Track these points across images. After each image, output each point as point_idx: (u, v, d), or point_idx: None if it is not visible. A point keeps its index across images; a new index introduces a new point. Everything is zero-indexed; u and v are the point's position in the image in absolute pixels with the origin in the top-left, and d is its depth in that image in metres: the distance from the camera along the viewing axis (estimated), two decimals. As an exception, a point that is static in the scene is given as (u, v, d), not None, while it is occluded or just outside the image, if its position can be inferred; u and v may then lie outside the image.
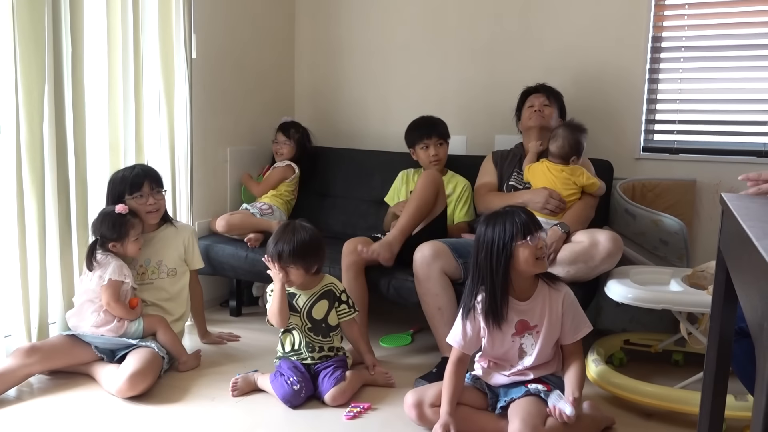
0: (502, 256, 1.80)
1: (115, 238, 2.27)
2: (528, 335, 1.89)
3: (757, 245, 0.81)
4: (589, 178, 2.51)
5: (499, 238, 1.80)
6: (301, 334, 2.21)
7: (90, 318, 2.26)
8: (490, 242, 1.82)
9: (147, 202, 2.36)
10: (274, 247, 2.14)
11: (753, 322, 0.85)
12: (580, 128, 2.54)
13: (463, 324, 1.90)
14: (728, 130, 2.82)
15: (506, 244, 1.79)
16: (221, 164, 3.15)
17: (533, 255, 1.79)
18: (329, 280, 2.27)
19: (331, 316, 2.25)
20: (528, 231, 1.79)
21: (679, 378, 2.17)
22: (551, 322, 1.89)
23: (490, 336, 1.89)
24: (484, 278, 1.84)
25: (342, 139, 3.46)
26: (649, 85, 2.90)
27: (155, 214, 2.41)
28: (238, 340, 2.70)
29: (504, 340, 1.89)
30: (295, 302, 2.20)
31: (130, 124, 2.58)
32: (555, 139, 2.53)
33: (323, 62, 3.54)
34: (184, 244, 2.51)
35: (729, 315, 1.43)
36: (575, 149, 2.51)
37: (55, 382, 2.22)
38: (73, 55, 2.31)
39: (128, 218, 2.29)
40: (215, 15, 3.02)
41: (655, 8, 2.84)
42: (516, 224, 1.79)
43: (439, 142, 2.85)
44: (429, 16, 3.26)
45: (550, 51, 3.02)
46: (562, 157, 2.52)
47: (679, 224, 2.52)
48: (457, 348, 1.91)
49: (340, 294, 2.27)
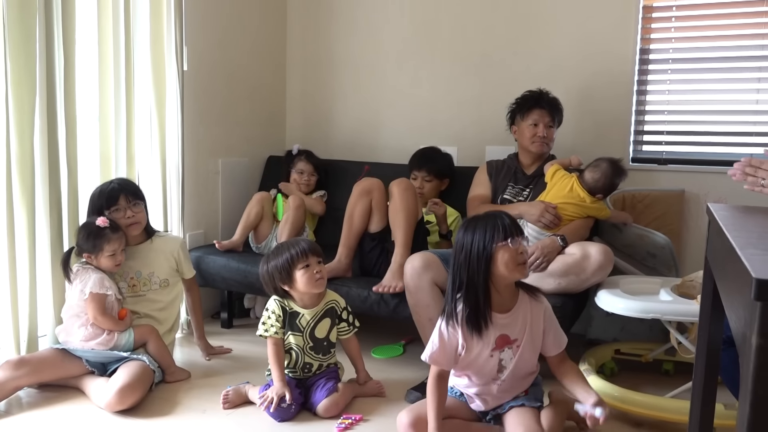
0: (483, 257, 1.72)
1: (88, 249, 2.25)
2: (507, 349, 1.83)
3: (740, 255, 0.83)
4: (602, 210, 2.53)
5: (479, 240, 1.73)
6: (301, 355, 2.19)
7: (78, 333, 2.24)
8: (469, 244, 1.74)
9: (125, 215, 2.35)
10: (290, 251, 2.12)
11: (737, 331, 0.86)
12: (623, 173, 2.50)
13: (441, 338, 1.80)
14: (715, 141, 2.86)
15: (486, 246, 1.72)
16: (213, 176, 3.15)
17: (514, 259, 1.72)
18: (331, 297, 2.25)
19: (333, 333, 2.24)
20: (509, 233, 1.72)
21: (670, 387, 2.18)
22: (532, 336, 1.84)
23: (467, 351, 1.81)
24: (462, 284, 1.76)
25: (334, 151, 3.47)
26: (637, 96, 2.93)
27: (135, 226, 2.39)
28: (230, 352, 2.69)
29: (481, 354, 1.81)
30: (298, 322, 2.17)
31: (122, 136, 2.58)
32: (595, 170, 2.49)
33: (315, 74, 3.56)
34: (174, 256, 2.50)
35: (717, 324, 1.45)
36: (607, 190, 2.52)
37: (44, 395, 2.21)
38: (65, 67, 2.31)
39: (106, 232, 2.25)
40: (207, 27, 3.03)
41: (643, 20, 2.88)
42: (497, 226, 1.73)
43: (427, 178, 2.86)
44: (420, 29, 3.29)
45: (539, 62, 3.05)
46: (591, 189, 2.50)
47: (664, 239, 2.54)
48: (434, 366, 1.82)
49: (341, 311, 2.25)
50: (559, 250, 2.36)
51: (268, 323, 2.17)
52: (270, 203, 2.99)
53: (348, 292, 2.46)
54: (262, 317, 2.20)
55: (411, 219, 2.50)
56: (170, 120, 2.78)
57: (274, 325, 2.16)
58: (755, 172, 1.58)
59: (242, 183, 3.31)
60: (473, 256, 1.73)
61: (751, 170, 1.59)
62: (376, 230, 2.59)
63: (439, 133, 3.27)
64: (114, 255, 2.27)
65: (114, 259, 2.28)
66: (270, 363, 2.16)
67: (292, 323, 2.17)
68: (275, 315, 2.17)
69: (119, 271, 2.35)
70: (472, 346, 1.80)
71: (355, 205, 2.61)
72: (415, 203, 2.53)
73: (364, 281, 2.56)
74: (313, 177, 3.14)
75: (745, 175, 1.61)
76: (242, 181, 3.31)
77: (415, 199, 2.53)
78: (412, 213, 2.51)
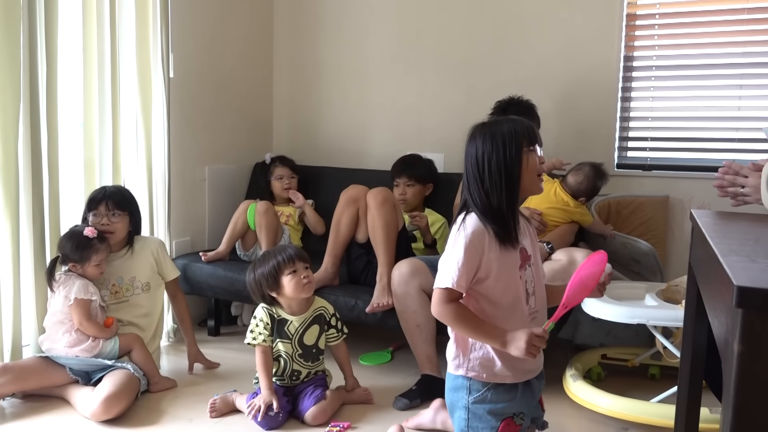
0: (516, 158, 1.45)
1: (76, 259, 2.24)
2: (528, 268, 1.52)
3: (722, 262, 0.84)
4: (585, 215, 2.56)
5: (511, 138, 1.45)
6: (290, 362, 2.18)
7: (63, 339, 2.22)
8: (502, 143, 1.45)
9: (101, 221, 2.34)
10: (276, 258, 2.12)
11: (720, 337, 0.87)
12: (605, 176, 2.56)
13: (467, 252, 1.42)
14: (699, 147, 2.89)
15: (519, 147, 1.45)
16: (199, 183, 3.14)
17: (535, 168, 1.49)
18: (320, 303, 2.25)
19: (321, 340, 2.23)
20: (535, 138, 1.49)
21: (656, 392, 2.19)
22: (536, 252, 1.57)
23: (500, 267, 1.46)
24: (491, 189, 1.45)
25: (321, 158, 3.47)
26: (621, 102, 2.96)
27: (109, 235, 2.35)
28: (218, 366, 2.62)
29: (513, 273, 1.48)
30: (287, 329, 2.16)
31: (107, 143, 2.56)
32: (577, 174, 2.54)
33: (301, 81, 3.56)
34: (154, 256, 2.48)
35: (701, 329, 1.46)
36: (589, 193, 2.56)
37: (28, 405, 2.18)
38: (48, 74, 2.30)
39: (94, 242, 2.25)
40: (193, 34, 3.02)
41: (627, 28, 2.91)
42: (525, 127, 1.48)
43: (409, 183, 2.86)
44: (406, 35, 3.30)
45: (524, 69, 3.07)
46: (574, 193, 2.54)
47: (647, 246, 2.57)
48: (450, 287, 1.43)
49: (330, 318, 2.25)
50: (546, 257, 2.37)
51: (256, 331, 2.16)
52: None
53: (336, 301, 2.46)
54: (250, 325, 2.19)
55: (391, 233, 2.49)
56: (156, 127, 2.77)
57: (262, 333, 2.15)
58: (735, 179, 1.60)
59: (229, 190, 3.29)
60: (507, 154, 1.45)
61: (731, 177, 1.61)
62: (364, 239, 2.58)
63: (425, 139, 3.28)
64: (100, 264, 2.28)
65: (99, 268, 2.29)
66: (258, 371, 2.15)
67: (280, 330, 2.16)
68: (263, 323, 2.16)
69: (100, 279, 2.33)
70: (503, 258, 1.47)
71: (341, 214, 2.60)
72: (394, 215, 2.51)
73: (351, 289, 2.56)
74: (293, 179, 3.13)
75: (725, 191, 1.62)
76: (229, 187, 3.30)
77: (393, 211, 2.51)
78: (391, 227, 2.49)
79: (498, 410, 1.48)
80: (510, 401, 1.49)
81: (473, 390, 1.49)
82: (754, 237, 1.10)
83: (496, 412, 1.48)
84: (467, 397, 1.49)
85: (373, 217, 2.50)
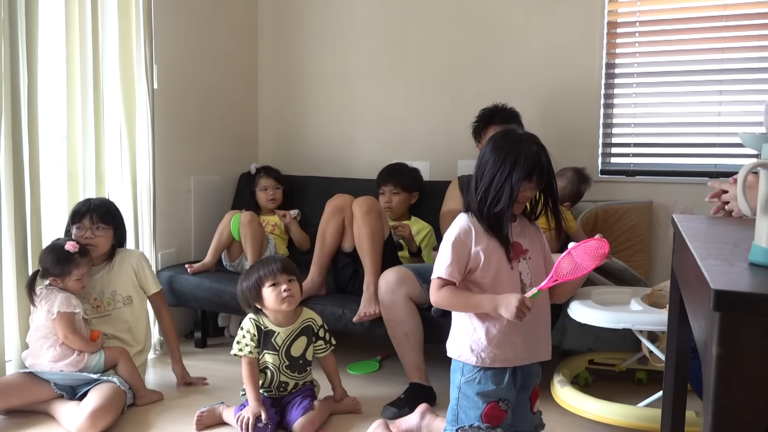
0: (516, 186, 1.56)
1: (57, 274, 2.22)
2: (523, 260, 1.65)
3: (701, 266, 0.85)
4: (569, 221, 2.58)
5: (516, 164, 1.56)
6: (277, 374, 2.17)
7: (47, 354, 2.19)
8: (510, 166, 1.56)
9: (84, 235, 2.32)
10: (260, 270, 2.12)
11: (700, 340, 0.88)
12: (587, 180, 2.61)
13: (455, 247, 1.61)
14: (680, 152, 2.93)
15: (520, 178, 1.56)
16: (185, 194, 3.13)
17: (524, 199, 1.63)
18: (308, 315, 2.24)
19: (309, 351, 2.22)
20: (539, 175, 1.60)
21: (643, 396, 2.20)
22: (537, 249, 1.70)
23: (486, 262, 1.60)
24: (483, 197, 1.59)
25: (306, 167, 3.46)
26: (604, 109, 2.99)
27: (91, 248, 2.33)
28: (206, 383, 2.57)
29: (502, 265, 1.61)
30: (273, 340, 2.15)
31: (90, 155, 2.55)
32: (560, 179, 2.56)
33: (286, 91, 3.56)
34: (134, 269, 2.45)
35: (685, 333, 1.47)
36: (573, 197, 2.60)
37: (12, 421, 2.15)
38: (29, 86, 2.28)
39: (75, 257, 2.23)
40: (177, 45, 3.02)
41: (608, 35, 2.95)
42: (534, 160, 1.58)
43: (394, 191, 2.87)
44: (390, 45, 3.32)
45: (508, 77, 3.09)
46: (559, 198, 2.55)
47: (621, 265, 2.61)
48: (442, 277, 1.61)
49: (318, 329, 2.24)
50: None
51: (242, 342, 2.15)
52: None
53: (323, 311, 2.45)
54: (236, 336, 2.18)
55: (377, 242, 2.49)
56: (141, 138, 2.75)
57: (248, 345, 2.14)
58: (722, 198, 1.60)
59: (215, 201, 3.28)
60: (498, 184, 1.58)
61: (718, 200, 1.61)
62: (350, 249, 2.58)
63: (411, 148, 3.29)
64: (80, 279, 2.26)
65: (80, 282, 2.27)
66: (245, 383, 2.13)
67: (267, 342, 2.15)
68: (250, 334, 2.15)
69: (81, 293, 2.31)
70: (491, 253, 1.61)
71: (327, 223, 2.60)
72: (379, 224, 2.52)
73: (338, 299, 2.56)
74: (278, 190, 3.12)
75: (719, 212, 1.62)
76: (215, 198, 3.28)
77: (378, 219, 2.52)
78: (377, 236, 2.49)
79: (486, 393, 1.62)
80: (497, 386, 1.62)
81: (465, 371, 1.64)
82: (733, 241, 1.12)
83: (484, 394, 1.62)
84: (461, 377, 1.64)
85: (359, 226, 2.50)
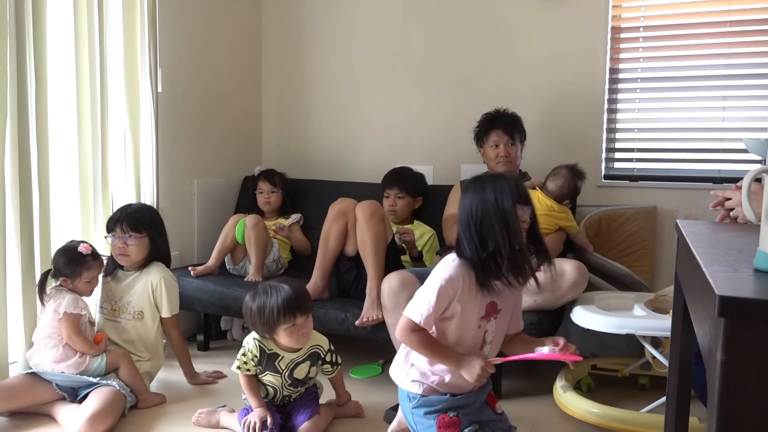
0: (513, 215, 1.59)
1: (68, 274, 2.24)
2: (493, 320, 1.71)
3: (705, 272, 0.84)
4: (570, 220, 2.58)
5: (503, 196, 1.59)
6: (280, 391, 2.14)
7: (50, 354, 2.20)
8: (493, 202, 1.60)
9: (117, 244, 2.35)
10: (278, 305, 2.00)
11: (704, 346, 0.88)
12: (582, 175, 2.60)
13: (439, 296, 1.62)
14: (684, 158, 2.92)
15: (511, 207, 1.59)
16: (188, 197, 3.13)
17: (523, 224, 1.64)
18: (315, 341, 2.16)
19: (313, 370, 2.18)
20: (522, 198, 1.63)
21: (646, 402, 2.20)
22: (509, 307, 1.75)
23: (462, 314, 1.64)
24: (486, 241, 1.60)
25: (310, 171, 3.47)
26: (608, 114, 2.99)
27: (123, 258, 2.37)
28: (225, 377, 2.60)
29: (471, 321, 1.67)
30: (277, 363, 2.09)
31: (97, 159, 2.55)
32: (556, 178, 2.56)
33: (290, 95, 3.57)
34: (153, 286, 2.42)
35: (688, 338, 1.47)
36: (572, 194, 2.58)
37: (14, 423, 2.15)
38: (37, 89, 2.28)
39: (87, 259, 2.25)
40: (181, 49, 3.03)
41: (612, 41, 2.95)
42: (513, 187, 1.62)
43: (399, 195, 2.87)
44: (394, 50, 3.32)
45: (512, 82, 3.09)
46: (557, 197, 2.56)
47: (623, 270, 2.61)
48: (417, 322, 1.63)
49: (325, 354, 2.17)
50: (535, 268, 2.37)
51: (242, 360, 2.10)
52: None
53: (325, 314, 2.45)
54: (240, 350, 2.12)
55: (380, 246, 2.49)
56: (144, 141, 2.76)
57: (248, 363, 2.09)
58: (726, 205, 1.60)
59: (218, 204, 3.29)
60: (501, 214, 1.59)
61: (722, 208, 1.61)
62: (353, 252, 2.58)
63: (414, 152, 3.29)
64: (90, 282, 2.27)
65: (90, 285, 2.28)
66: (246, 394, 2.11)
67: (270, 364, 2.09)
68: (251, 354, 2.08)
69: (107, 290, 2.33)
70: (467, 307, 1.65)
71: (330, 227, 2.60)
72: (383, 228, 2.51)
73: (341, 303, 2.55)
74: (274, 194, 3.10)
75: (725, 219, 1.61)
76: (218, 202, 3.29)
77: (382, 223, 2.51)
78: (380, 240, 2.49)
79: (432, 410, 1.72)
80: (441, 402, 1.72)
81: (411, 398, 1.74)
82: (738, 247, 1.11)
83: (430, 412, 1.72)
84: (408, 404, 1.75)
85: (362, 230, 2.50)
